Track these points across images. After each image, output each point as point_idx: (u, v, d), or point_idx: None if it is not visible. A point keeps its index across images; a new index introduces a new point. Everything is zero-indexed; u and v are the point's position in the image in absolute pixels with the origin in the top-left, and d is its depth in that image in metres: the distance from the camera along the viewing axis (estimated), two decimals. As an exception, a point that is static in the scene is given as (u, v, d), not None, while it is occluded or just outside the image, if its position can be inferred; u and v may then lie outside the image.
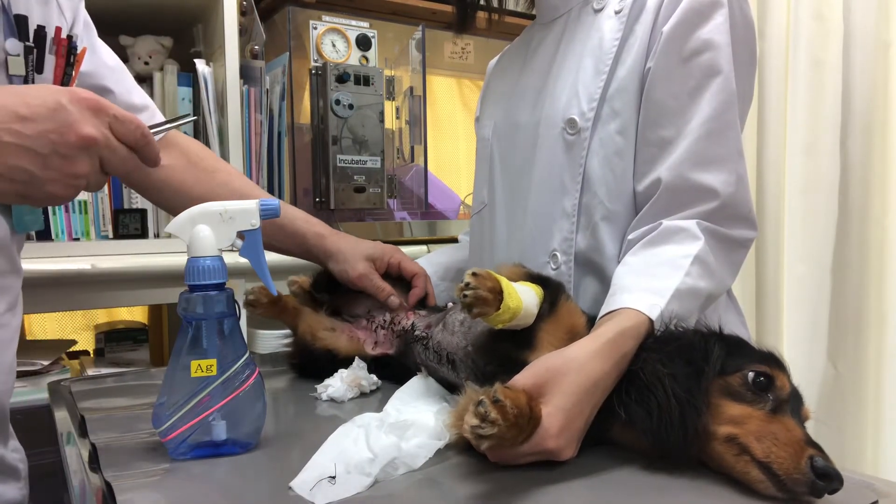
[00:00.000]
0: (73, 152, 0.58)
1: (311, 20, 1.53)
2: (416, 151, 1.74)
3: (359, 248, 0.94)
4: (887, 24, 1.87)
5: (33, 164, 0.57)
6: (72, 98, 0.58)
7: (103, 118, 0.60)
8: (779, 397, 0.58)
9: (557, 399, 0.58)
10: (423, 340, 0.81)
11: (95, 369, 1.46)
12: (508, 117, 0.97)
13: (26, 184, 0.57)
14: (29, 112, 0.56)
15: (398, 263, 0.96)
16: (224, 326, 0.63)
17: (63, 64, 0.78)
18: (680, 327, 0.64)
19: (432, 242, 1.63)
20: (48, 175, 0.57)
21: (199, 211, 0.63)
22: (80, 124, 0.58)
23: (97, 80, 0.88)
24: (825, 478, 0.52)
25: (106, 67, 0.90)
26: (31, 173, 0.57)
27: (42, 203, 0.61)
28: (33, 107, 0.56)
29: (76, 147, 0.58)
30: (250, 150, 1.47)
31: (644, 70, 0.81)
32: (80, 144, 0.58)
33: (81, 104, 0.58)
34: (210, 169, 0.95)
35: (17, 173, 0.57)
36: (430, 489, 0.57)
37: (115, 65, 0.93)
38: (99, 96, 0.60)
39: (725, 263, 0.77)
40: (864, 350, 1.92)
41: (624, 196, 0.82)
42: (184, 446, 0.62)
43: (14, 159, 0.56)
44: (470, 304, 0.61)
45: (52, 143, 0.57)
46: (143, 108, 0.94)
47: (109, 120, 0.60)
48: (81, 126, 0.58)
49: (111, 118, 0.60)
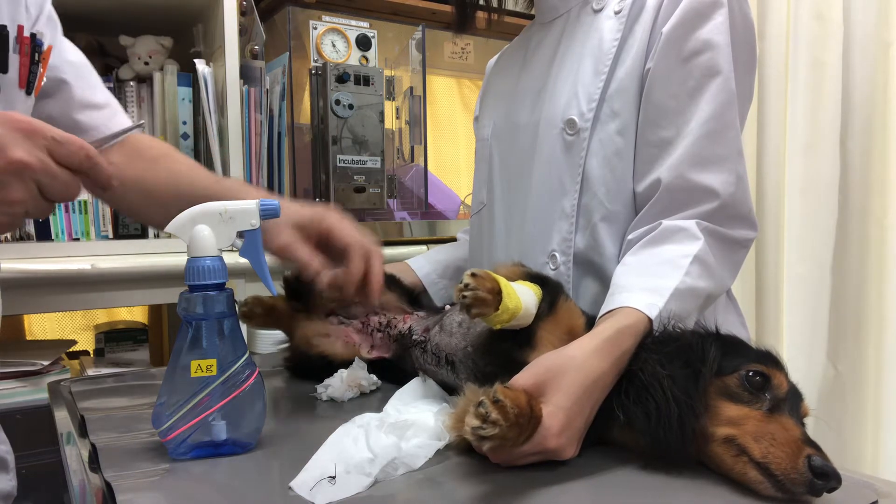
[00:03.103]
0: (4, 178, 0.55)
1: (311, 20, 1.53)
2: (416, 151, 1.74)
3: (285, 213, 0.73)
4: (887, 24, 1.87)
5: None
6: (3, 121, 0.55)
7: (38, 141, 0.56)
8: (776, 396, 0.58)
9: (558, 398, 0.58)
10: (421, 344, 0.81)
11: (95, 369, 1.46)
12: (508, 117, 0.97)
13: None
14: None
15: (328, 231, 0.76)
16: (224, 326, 0.63)
17: (28, 63, 0.75)
18: (678, 328, 0.64)
19: (432, 242, 1.63)
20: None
21: (199, 211, 0.63)
22: (9, 148, 0.55)
23: (55, 73, 0.85)
24: (823, 477, 0.52)
25: (66, 63, 0.87)
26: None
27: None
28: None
29: (6, 172, 0.55)
30: (250, 150, 1.47)
31: (644, 70, 0.81)
32: (9, 169, 0.55)
33: (10, 126, 0.55)
34: (154, 157, 0.89)
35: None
36: (431, 490, 0.57)
37: (77, 60, 0.90)
38: (34, 119, 0.57)
39: (725, 263, 0.77)
40: (864, 350, 1.92)
41: (623, 196, 0.82)
42: (184, 446, 0.62)
43: None
44: (469, 304, 0.61)
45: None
46: (103, 106, 0.89)
47: (47, 143, 0.57)
48: (11, 150, 0.55)
49: (49, 141, 0.57)
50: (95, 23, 1.53)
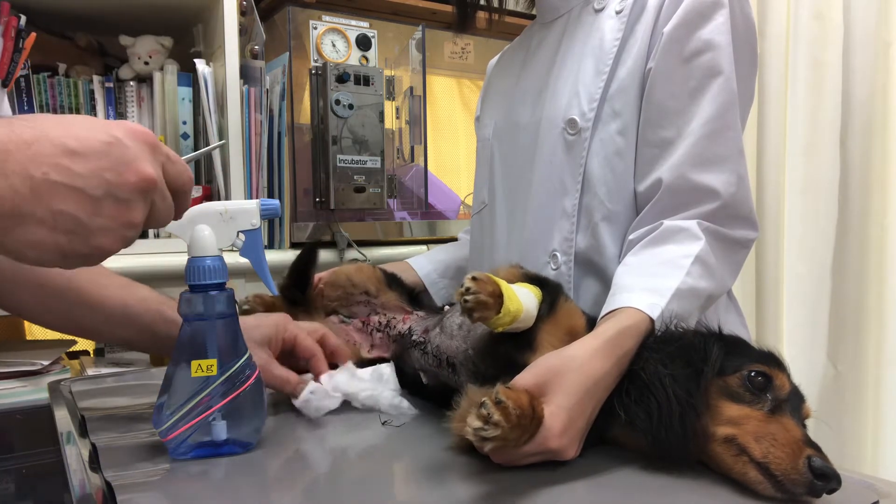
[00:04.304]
0: (131, 195, 0.49)
1: (311, 20, 1.53)
2: (416, 151, 1.74)
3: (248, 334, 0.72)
4: (887, 24, 1.88)
5: (82, 209, 0.47)
6: (128, 131, 0.50)
7: (158, 157, 0.51)
8: (778, 397, 0.58)
9: (559, 398, 0.58)
10: (420, 345, 0.80)
11: (95, 369, 1.45)
12: (509, 117, 0.97)
13: (71, 234, 0.47)
14: (79, 145, 0.47)
15: (293, 339, 0.78)
16: (224, 326, 0.63)
17: (11, 48, 0.68)
18: (680, 328, 0.64)
19: (432, 242, 1.63)
20: (98, 223, 0.48)
21: (200, 211, 0.63)
22: (139, 162, 0.49)
23: None
24: (823, 478, 0.52)
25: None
26: (79, 220, 0.47)
27: (82, 261, 0.49)
28: (84, 139, 0.47)
29: (135, 189, 0.49)
30: (250, 150, 1.47)
31: (645, 70, 0.81)
32: (139, 186, 0.49)
33: (138, 138, 0.50)
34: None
35: (63, 220, 0.46)
36: (432, 490, 0.57)
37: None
38: (147, 129, 0.52)
39: (726, 264, 0.77)
40: (864, 350, 1.92)
41: (624, 196, 0.82)
42: (184, 446, 0.62)
43: (60, 202, 0.46)
44: (471, 308, 0.61)
45: (108, 183, 0.47)
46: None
47: (163, 160, 0.52)
48: (142, 164, 0.49)
49: (164, 158, 0.52)
50: (95, 23, 1.53)
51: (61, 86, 1.41)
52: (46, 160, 0.45)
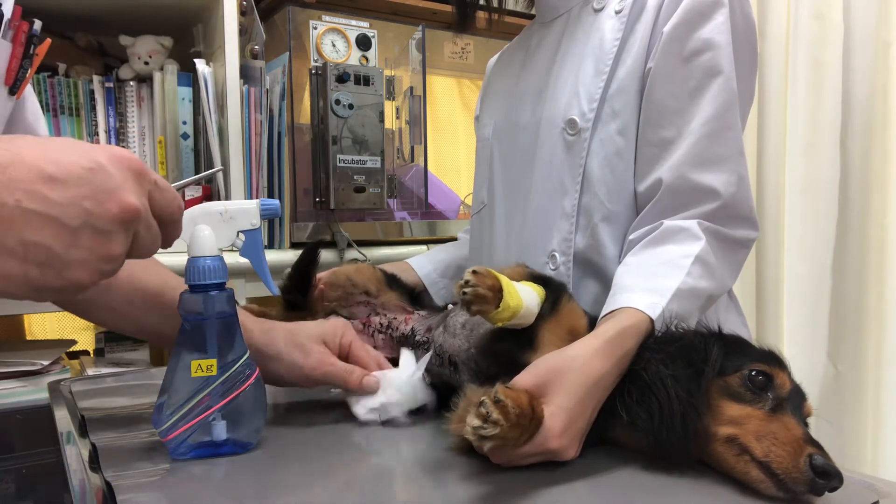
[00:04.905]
0: (111, 226, 0.45)
1: (311, 20, 1.53)
2: (416, 151, 1.74)
3: (305, 329, 0.74)
4: (887, 24, 1.88)
5: (57, 240, 0.43)
6: (112, 157, 0.46)
7: (145, 185, 0.48)
8: (779, 396, 0.58)
9: (559, 398, 0.58)
10: (424, 345, 0.80)
11: (95, 369, 1.45)
12: (508, 117, 0.97)
13: (43, 266, 0.43)
14: (58, 171, 0.43)
15: (348, 346, 0.76)
16: (224, 326, 0.63)
17: (21, 54, 0.63)
18: (680, 328, 0.64)
19: (432, 242, 1.63)
20: (74, 255, 0.44)
21: (200, 210, 0.63)
22: (122, 191, 0.45)
23: None
24: (824, 476, 0.52)
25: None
26: (52, 252, 0.43)
27: (54, 295, 0.46)
28: (64, 165, 0.43)
29: (116, 220, 0.45)
30: (250, 150, 1.47)
31: (644, 70, 0.81)
32: (120, 217, 0.45)
33: (123, 165, 0.46)
34: None
35: (35, 251, 0.42)
36: (431, 490, 0.57)
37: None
38: (135, 156, 0.49)
39: (726, 264, 0.77)
40: (864, 350, 1.92)
41: (624, 196, 0.82)
42: (184, 446, 0.62)
43: (33, 232, 0.42)
44: (469, 301, 0.61)
45: (86, 213, 0.44)
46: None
47: (150, 188, 0.49)
48: (124, 193, 0.46)
49: (152, 185, 0.49)
50: (95, 23, 1.53)
51: (61, 86, 1.41)
52: (21, 186, 0.42)
